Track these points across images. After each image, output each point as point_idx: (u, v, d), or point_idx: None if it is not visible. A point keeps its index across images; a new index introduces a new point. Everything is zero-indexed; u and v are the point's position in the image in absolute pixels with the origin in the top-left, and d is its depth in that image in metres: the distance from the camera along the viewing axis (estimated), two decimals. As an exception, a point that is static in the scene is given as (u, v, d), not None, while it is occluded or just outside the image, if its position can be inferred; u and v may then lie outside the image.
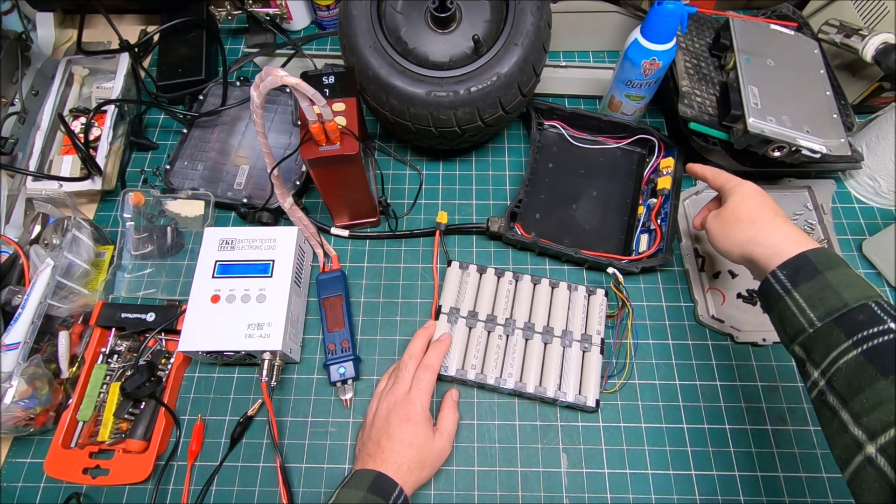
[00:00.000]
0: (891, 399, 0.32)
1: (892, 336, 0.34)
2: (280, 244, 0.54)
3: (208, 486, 0.50)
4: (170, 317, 0.54)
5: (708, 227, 0.49)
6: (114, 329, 0.55)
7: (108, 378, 0.53)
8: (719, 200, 0.51)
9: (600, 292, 0.56)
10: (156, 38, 0.70)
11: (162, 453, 0.51)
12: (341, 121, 0.48)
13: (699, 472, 0.50)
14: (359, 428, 0.52)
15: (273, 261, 0.53)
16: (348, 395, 0.53)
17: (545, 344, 0.53)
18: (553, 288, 0.56)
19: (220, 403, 0.54)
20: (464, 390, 0.54)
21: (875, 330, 0.35)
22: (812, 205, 0.62)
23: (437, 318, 0.55)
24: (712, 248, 0.50)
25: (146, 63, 0.74)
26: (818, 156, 0.52)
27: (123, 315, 0.54)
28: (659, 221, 0.58)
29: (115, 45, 0.67)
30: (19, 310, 0.50)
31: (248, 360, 0.53)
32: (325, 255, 0.61)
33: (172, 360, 0.54)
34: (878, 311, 0.36)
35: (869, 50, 0.58)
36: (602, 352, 0.53)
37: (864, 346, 0.35)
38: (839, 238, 0.60)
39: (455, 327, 0.54)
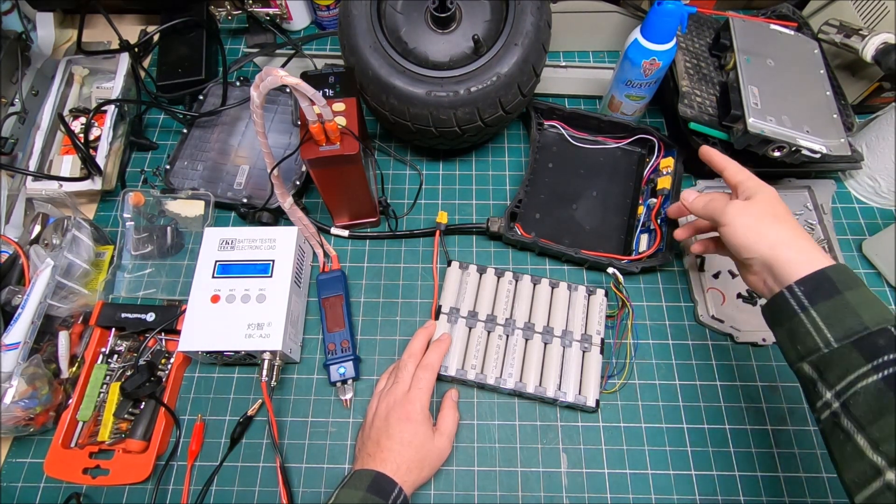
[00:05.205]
0: None
1: None
2: (280, 244, 0.54)
3: (208, 486, 0.50)
4: (170, 317, 0.54)
5: (732, 217, 0.44)
6: (114, 329, 0.55)
7: (108, 378, 0.53)
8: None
9: (600, 292, 0.56)
10: (156, 38, 0.70)
11: (162, 453, 0.51)
12: (341, 121, 0.48)
13: (699, 472, 0.50)
14: (359, 428, 0.52)
15: (273, 261, 0.53)
16: (348, 395, 0.53)
17: (545, 344, 0.53)
18: (553, 288, 0.56)
19: (220, 403, 0.54)
20: (464, 390, 0.54)
21: (895, 356, 0.34)
22: (812, 205, 0.62)
23: (437, 317, 0.55)
24: (721, 243, 0.48)
25: (146, 63, 0.74)
26: (818, 156, 0.52)
27: (123, 315, 0.54)
28: (659, 221, 0.58)
29: (115, 45, 0.67)
30: (19, 310, 0.50)
31: (248, 360, 0.53)
32: (325, 255, 0.61)
33: (172, 360, 0.54)
34: None
35: (869, 50, 0.58)
36: (602, 352, 0.53)
37: (885, 372, 0.34)
38: (839, 238, 0.60)
39: (455, 327, 0.54)
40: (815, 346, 0.37)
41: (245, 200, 0.60)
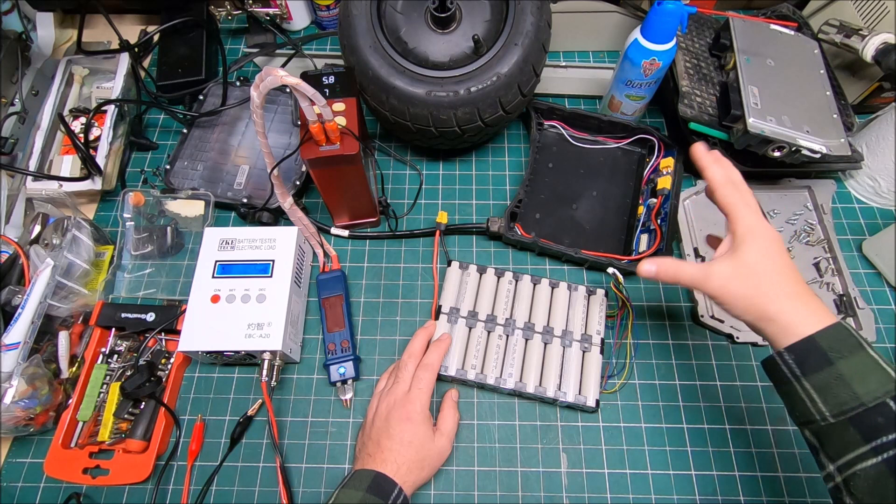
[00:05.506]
0: None
1: None
2: (280, 244, 0.54)
3: (208, 486, 0.50)
4: (170, 317, 0.54)
5: (717, 290, 0.40)
6: (114, 329, 0.55)
7: (108, 378, 0.53)
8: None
9: (600, 292, 0.56)
10: (156, 38, 0.70)
11: (162, 453, 0.51)
12: (341, 121, 0.48)
13: (699, 472, 0.50)
14: (359, 428, 0.52)
15: (273, 261, 0.53)
16: (348, 395, 0.53)
17: (545, 344, 0.53)
18: (553, 288, 0.56)
19: (220, 403, 0.54)
20: (464, 390, 0.54)
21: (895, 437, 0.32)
22: (812, 205, 0.62)
23: (437, 317, 0.55)
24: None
25: (146, 63, 0.74)
26: (818, 156, 0.52)
27: (123, 315, 0.54)
28: (659, 221, 0.58)
29: (115, 45, 0.67)
30: (19, 310, 0.50)
31: (248, 360, 0.53)
32: (325, 255, 0.61)
33: (172, 360, 0.54)
34: None
35: (869, 50, 0.58)
36: (602, 352, 0.53)
37: (885, 455, 0.32)
38: (839, 238, 0.60)
39: (455, 327, 0.54)
40: (812, 417, 0.35)
41: (245, 200, 0.60)
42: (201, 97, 0.68)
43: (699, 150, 0.44)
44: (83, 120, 0.64)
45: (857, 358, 0.34)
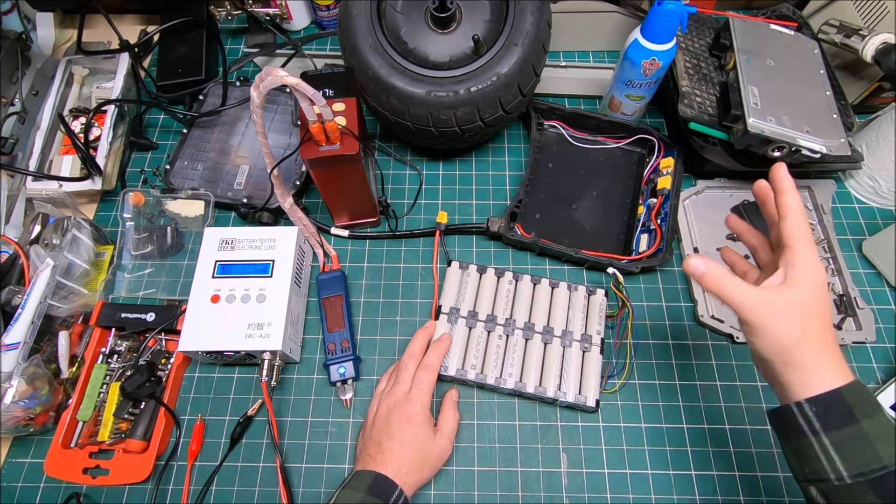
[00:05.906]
0: None
1: None
2: (280, 244, 0.54)
3: (208, 486, 0.50)
4: (170, 317, 0.54)
5: (763, 321, 0.36)
6: (114, 329, 0.55)
7: (108, 378, 0.53)
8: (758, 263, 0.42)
9: (600, 292, 0.56)
10: (156, 38, 0.70)
11: (162, 453, 0.51)
12: (341, 121, 0.48)
13: (699, 472, 0.50)
14: (359, 428, 0.52)
15: (273, 261, 0.53)
16: (348, 395, 0.53)
17: (545, 344, 0.53)
18: (553, 288, 0.56)
19: (220, 403, 0.54)
20: (464, 390, 0.54)
21: None
22: (812, 205, 0.62)
23: (437, 318, 0.55)
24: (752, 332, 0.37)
25: (146, 63, 0.74)
26: (818, 156, 0.52)
27: (123, 315, 0.54)
28: (659, 221, 0.58)
29: (115, 45, 0.67)
30: (19, 310, 0.50)
31: (248, 360, 0.53)
32: (325, 255, 0.61)
33: (172, 360, 0.54)
34: None
35: (869, 50, 0.58)
36: (602, 352, 0.53)
37: None
38: (839, 238, 0.60)
39: (455, 327, 0.54)
40: (826, 475, 0.34)
41: (245, 200, 0.60)
42: (201, 97, 0.68)
43: (782, 172, 0.39)
44: (83, 120, 0.64)
45: (879, 418, 0.33)
